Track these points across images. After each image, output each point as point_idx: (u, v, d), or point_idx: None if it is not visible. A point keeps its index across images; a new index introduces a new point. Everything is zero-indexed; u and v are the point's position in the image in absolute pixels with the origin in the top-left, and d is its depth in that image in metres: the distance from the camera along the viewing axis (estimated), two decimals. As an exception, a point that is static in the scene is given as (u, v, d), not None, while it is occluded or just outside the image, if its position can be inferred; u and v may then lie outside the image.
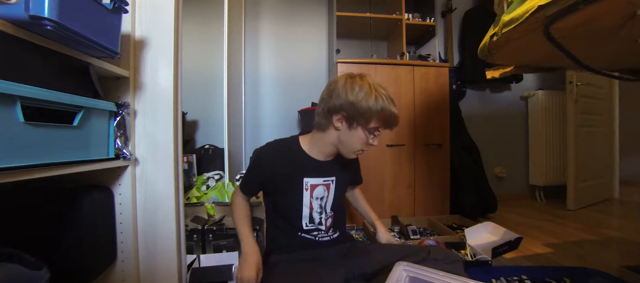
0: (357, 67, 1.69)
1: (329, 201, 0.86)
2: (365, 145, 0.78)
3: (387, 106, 0.75)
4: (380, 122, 0.76)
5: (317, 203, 0.84)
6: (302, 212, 0.83)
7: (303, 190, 0.83)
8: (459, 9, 2.30)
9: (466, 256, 1.13)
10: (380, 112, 0.74)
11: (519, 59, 0.99)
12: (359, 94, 0.74)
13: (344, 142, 0.79)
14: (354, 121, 0.75)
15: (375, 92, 0.74)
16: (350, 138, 0.77)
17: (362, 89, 0.74)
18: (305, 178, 0.83)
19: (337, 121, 0.77)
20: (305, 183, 0.83)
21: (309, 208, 0.83)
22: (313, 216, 0.84)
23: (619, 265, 1.07)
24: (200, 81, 2.00)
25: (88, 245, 0.65)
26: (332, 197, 0.87)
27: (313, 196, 0.84)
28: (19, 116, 0.45)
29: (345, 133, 0.77)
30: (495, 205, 1.84)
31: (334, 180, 0.86)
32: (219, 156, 1.73)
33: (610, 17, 0.59)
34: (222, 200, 1.34)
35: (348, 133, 0.77)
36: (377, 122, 0.76)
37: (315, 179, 0.84)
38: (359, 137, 0.76)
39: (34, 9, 0.45)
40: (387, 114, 0.75)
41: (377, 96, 0.74)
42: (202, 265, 1.00)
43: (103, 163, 0.65)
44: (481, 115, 2.40)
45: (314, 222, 0.84)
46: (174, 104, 0.78)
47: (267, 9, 2.20)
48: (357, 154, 0.82)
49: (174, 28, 0.77)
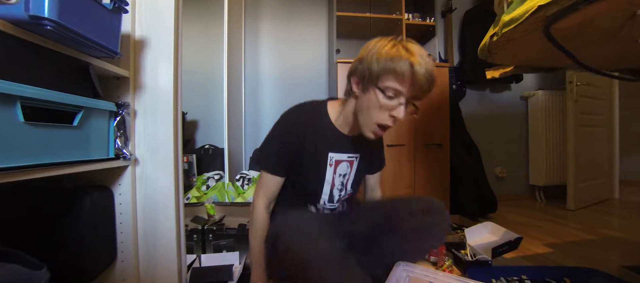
0: (357, 67, 1.69)
1: (350, 179, 0.81)
2: (381, 112, 0.64)
3: (404, 56, 0.60)
4: (397, 79, 0.61)
5: (340, 179, 0.79)
6: (322, 189, 0.77)
7: (327, 165, 0.75)
8: (459, 9, 2.30)
9: (466, 256, 1.13)
10: (394, 63, 0.60)
11: (519, 59, 0.99)
12: (372, 48, 0.64)
13: (360, 109, 0.68)
14: (366, 80, 0.65)
15: (392, 44, 0.62)
16: (364, 102, 0.67)
17: (378, 44, 0.64)
18: (330, 153, 0.75)
19: (355, 84, 0.68)
20: (330, 158, 0.75)
21: (330, 185, 0.77)
22: (333, 194, 0.79)
23: (619, 265, 1.07)
24: (200, 81, 2.00)
25: (88, 245, 0.65)
26: (353, 176, 0.81)
27: (336, 172, 0.77)
28: (19, 116, 0.45)
29: (360, 98, 0.67)
30: (495, 205, 1.84)
31: (358, 157, 0.80)
32: (219, 156, 1.73)
33: (610, 17, 0.59)
34: (222, 200, 1.34)
35: (363, 97, 0.67)
36: (392, 79, 0.62)
37: (340, 154, 0.76)
38: (371, 100, 0.64)
39: (34, 9, 0.45)
40: (404, 68, 0.59)
41: (393, 45, 0.62)
42: (202, 265, 1.00)
43: (103, 163, 0.65)
44: (481, 115, 2.40)
45: (332, 201, 0.79)
46: (174, 104, 0.78)
47: (267, 9, 2.20)
48: (376, 132, 0.68)
49: (174, 28, 0.77)
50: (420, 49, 0.63)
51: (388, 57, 0.61)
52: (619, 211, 2.04)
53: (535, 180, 2.38)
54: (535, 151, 2.38)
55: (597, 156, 2.26)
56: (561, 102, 2.31)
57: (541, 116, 2.33)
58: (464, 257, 1.11)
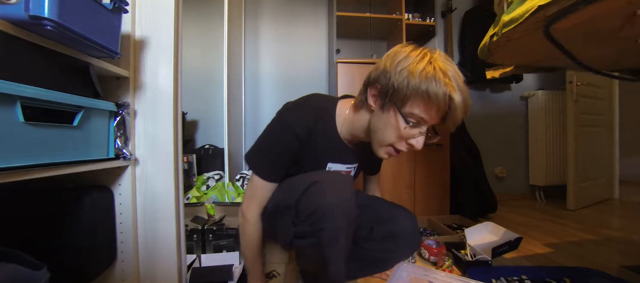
0: (357, 67, 1.69)
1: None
2: (398, 139, 0.58)
3: (438, 80, 0.51)
4: (427, 108, 0.53)
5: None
6: None
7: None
8: (459, 9, 2.30)
9: (466, 256, 1.13)
10: (428, 87, 0.51)
11: (519, 59, 0.99)
12: (401, 61, 0.54)
13: (374, 128, 0.61)
14: (386, 98, 0.56)
15: (426, 63, 0.52)
16: (380, 122, 0.59)
17: (409, 57, 0.54)
18: (329, 163, 0.70)
19: (372, 96, 0.61)
20: (328, 168, 0.70)
21: None
22: None
23: (619, 265, 1.07)
24: (200, 81, 2.00)
25: (88, 245, 0.64)
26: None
27: None
28: (19, 116, 0.45)
29: (377, 115, 0.60)
30: (495, 205, 1.84)
31: (356, 166, 0.76)
32: (219, 156, 1.73)
33: (610, 17, 0.59)
34: (222, 200, 1.34)
35: (380, 115, 0.59)
36: (421, 107, 0.53)
37: (339, 165, 0.72)
38: (390, 123, 0.57)
39: (34, 9, 0.45)
40: (439, 97, 0.51)
41: (427, 65, 0.52)
42: (202, 265, 1.00)
43: (103, 163, 0.65)
44: (481, 115, 2.40)
45: None
46: (174, 104, 0.78)
47: (267, 9, 2.20)
48: (387, 154, 0.62)
49: (174, 28, 0.77)
50: (454, 69, 0.53)
51: (421, 78, 0.52)
52: (619, 211, 2.04)
53: (535, 180, 2.38)
54: (535, 151, 2.38)
55: (597, 156, 2.26)
56: (561, 102, 2.31)
57: (541, 116, 2.33)
58: (464, 257, 1.11)
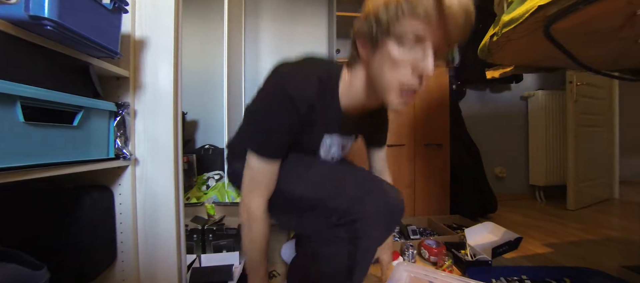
0: (357, 67, 1.69)
1: (341, 154, 0.75)
2: (402, 72, 0.50)
3: None
4: (412, 19, 0.47)
5: (329, 156, 0.72)
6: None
7: (319, 147, 0.67)
8: (459, 9, 2.30)
9: (466, 256, 1.13)
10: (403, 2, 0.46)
11: (519, 59, 0.99)
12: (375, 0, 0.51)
13: (375, 77, 0.55)
14: (374, 37, 0.51)
15: None
16: (378, 65, 0.53)
17: None
18: (325, 134, 0.65)
19: (361, 48, 0.56)
20: (323, 139, 0.67)
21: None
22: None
23: (619, 265, 1.07)
24: (200, 81, 2.00)
25: (88, 245, 0.64)
26: (346, 151, 0.75)
27: (329, 153, 0.71)
28: (19, 116, 0.45)
29: (372, 62, 0.54)
30: (495, 205, 1.84)
31: (354, 137, 0.74)
32: (219, 156, 1.73)
33: (610, 17, 0.59)
34: (222, 200, 1.34)
35: (374, 59, 0.53)
36: (406, 23, 0.48)
37: (335, 136, 0.68)
38: (388, 58, 0.50)
39: (34, 9, 0.45)
40: (425, 3, 0.45)
41: None
42: (202, 265, 1.00)
43: (103, 163, 0.65)
44: (481, 115, 2.40)
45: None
46: (174, 104, 0.78)
47: (267, 9, 2.20)
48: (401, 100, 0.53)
49: (174, 28, 0.77)
50: None
51: None
52: (619, 211, 2.04)
53: (535, 180, 2.38)
54: (535, 151, 2.38)
55: (597, 156, 2.26)
56: (561, 102, 2.31)
57: (541, 116, 2.33)
58: (464, 257, 1.11)
